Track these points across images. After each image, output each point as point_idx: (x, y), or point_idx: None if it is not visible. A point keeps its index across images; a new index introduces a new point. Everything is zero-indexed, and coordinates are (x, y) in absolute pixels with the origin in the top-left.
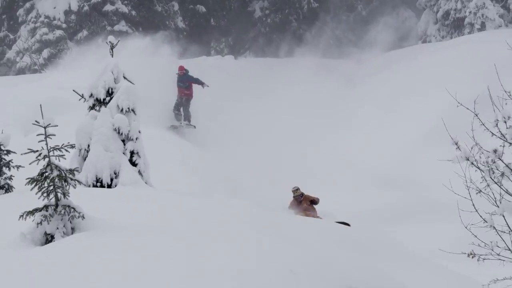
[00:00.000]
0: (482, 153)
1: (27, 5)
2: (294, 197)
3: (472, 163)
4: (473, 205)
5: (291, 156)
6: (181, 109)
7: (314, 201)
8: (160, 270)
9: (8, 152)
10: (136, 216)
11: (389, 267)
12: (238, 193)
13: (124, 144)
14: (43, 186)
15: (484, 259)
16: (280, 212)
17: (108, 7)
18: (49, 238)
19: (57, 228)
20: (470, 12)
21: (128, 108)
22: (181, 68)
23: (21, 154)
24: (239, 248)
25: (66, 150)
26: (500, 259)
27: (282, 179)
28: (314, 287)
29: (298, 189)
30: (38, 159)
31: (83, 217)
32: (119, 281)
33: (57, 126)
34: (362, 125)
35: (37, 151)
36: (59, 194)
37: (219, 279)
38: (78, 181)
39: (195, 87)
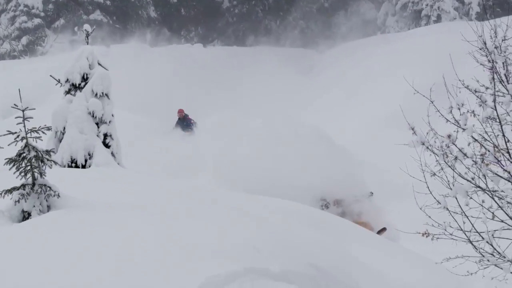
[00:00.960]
0: (437, 138)
1: None
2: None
3: (427, 148)
4: (428, 188)
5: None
6: None
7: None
8: (130, 245)
9: None
10: (109, 194)
11: (349, 246)
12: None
13: (98, 127)
14: (20, 166)
15: (438, 238)
16: (244, 193)
17: None
18: (26, 216)
19: (34, 206)
20: (427, 5)
21: (102, 93)
22: (181, 111)
23: (0, 136)
24: (205, 226)
25: (43, 132)
26: (452, 239)
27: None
28: (276, 263)
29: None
30: (16, 141)
31: (58, 195)
32: (93, 256)
33: (34, 109)
34: (324, 110)
35: (15, 133)
36: (36, 174)
37: (189, 253)
38: (54, 161)
39: None
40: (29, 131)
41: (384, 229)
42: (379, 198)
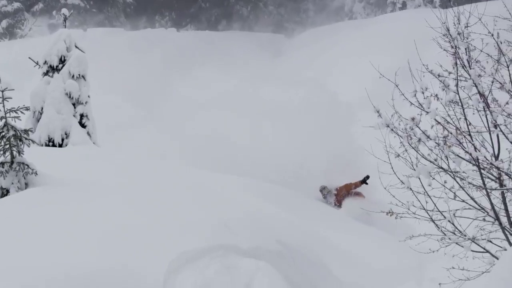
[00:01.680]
0: (401, 120)
1: None
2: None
3: (392, 130)
4: (392, 168)
5: (226, 123)
6: None
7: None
8: (104, 221)
9: None
10: (84, 173)
11: (319, 227)
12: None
13: (75, 108)
14: None
15: (401, 217)
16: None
17: None
18: (4, 192)
19: (12, 183)
20: None
21: (79, 75)
22: None
23: None
24: (177, 204)
25: (22, 112)
26: (415, 218)
27: (216, 142)
28: (245, 239)
29: (324, 187)
30: None
31: (36, 173)
32: (68, 231)
33: (13, 90)
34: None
35: None
36: (14, 152)
37: (161, 230)
38: (32, 140)
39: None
40: (8, 111)
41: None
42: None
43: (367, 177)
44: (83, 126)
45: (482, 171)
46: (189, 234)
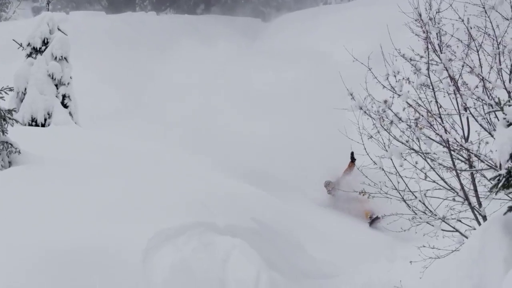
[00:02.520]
0: (374, 103)
1: None
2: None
3: (365, 112)
4: (365, 149)
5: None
6: None
7: None
8: (86, 199)
9: None
10: (66, 152)
11: (300, 210)
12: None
13: (57, 88)
14: None
15: (374, 196)
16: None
17: None
18: None
19: None
20: None
21: (61, 56)
22: None
23: None
24: (157, 183)
25: (6, 93)
26: (387, 197)
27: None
28: (222, 217)
29: (329, 183)
30: None
31: (19, 152)
32: (51, 207)
33: None
34: (267, 75)
35: None
36: None
37: (141, 208)
38: (15, 120)
39: None
40: None
41: (377, 218)
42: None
43: (352, 153)
44: (65, 106)
45: (452, 152)
46: (167, 212)
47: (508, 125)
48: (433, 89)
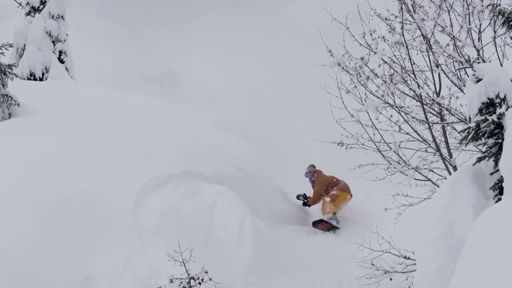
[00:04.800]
0: (352, 60)
1: None
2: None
3: (343, 68)
4: (343, 103)
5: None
6: None
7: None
8: (80, 148)
9: None
10: (62, 104)
11: (287, 163)
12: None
13: (54, 45)
14: None
15: (351, 147)
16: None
17: None
18: None
19: None
20: None
21: (58, 15)
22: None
23: None
24: (146, 133)
25: (6, 49)
26: (364, 148)
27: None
28: (208, 166)
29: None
30: None
31: (18, 104)
32: (44, 157)
33: None
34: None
35: None
36: None
37: (131, 157)
38: (15, 74)
39: None
40: None
41: (323, 222)
42: None
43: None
44: (61, 61)
45: (425, 106)
46: (156, 162)
47: (477, 81)
48: (407, 47)
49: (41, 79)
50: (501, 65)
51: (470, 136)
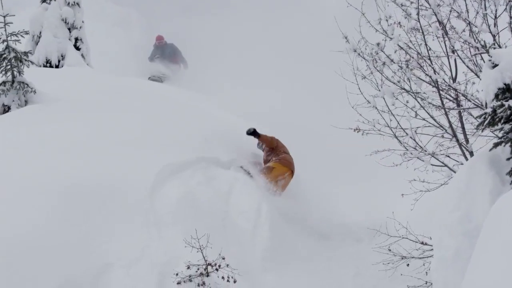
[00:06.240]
0: (368, 46)
1: None
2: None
3: (359, 54)
4: (359, 89)
5: None
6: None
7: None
8: (97, 136)
9: None
10: (78, 91)
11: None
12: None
13: (70, 32)
14: (1, 65)
15: (367, 133)
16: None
17: None
18: (6, 109)
19: (13, 101)
20: None
21: (74, 2)
22: (160, 38)
23: None
24: (163, 119)
25: (22, 36)
26: (380, 134)
27: None
28: (224, 152)
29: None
30: None
31: (35, 92)
32: (62, 144)
33: (14, 15)
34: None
35: None
36: (15, 72)
37: (148, 144)
38: (31, 61)
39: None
40: (9, 34)
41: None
42: None
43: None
44: (77, 48)
45: (441, 92)
46: (173, 148)
47: (493, 67)
48: (422, 32)
49: (57, 66)
50: None
51: (486, 122)
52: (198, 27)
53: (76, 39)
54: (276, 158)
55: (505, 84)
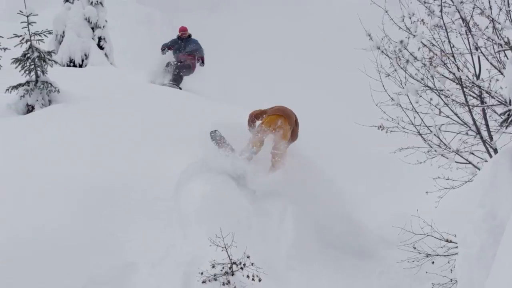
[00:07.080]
0: (391, 43)
1: None
2: None
3: (383, 52)
4: (383, 86)
5: None
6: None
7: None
8: (121, 135)
9: None
10: (102, 90)
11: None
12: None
13: (93, 31)
14: (25, 65)
15: (392, 131)
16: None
17: None
18: (30, 109)
19: (37, 100)
20: None
21: (97, 1)
22: (184, 29)
23: (7, 38)
24: (184, 119)
25: (45, 36)
26: (404, 131)
27: None
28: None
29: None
30: (22, 43)
31: (58, 91)
32: (89, 141)
33: (37, 15)
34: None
35: (21, 35)
36: (38, 72)
37: (173, 143)
38: (54, 61)
39: None
40: (33, 34)
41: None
42: None
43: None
44: (101, 48)
45: (465, 89)
46: (197, 146)
47: None
48: (446, 30)
49: (80, 66)
50: None
51: (510, 119)
52: (224, 25)
53: (100, 38)
54: (265, 115)
55: None
